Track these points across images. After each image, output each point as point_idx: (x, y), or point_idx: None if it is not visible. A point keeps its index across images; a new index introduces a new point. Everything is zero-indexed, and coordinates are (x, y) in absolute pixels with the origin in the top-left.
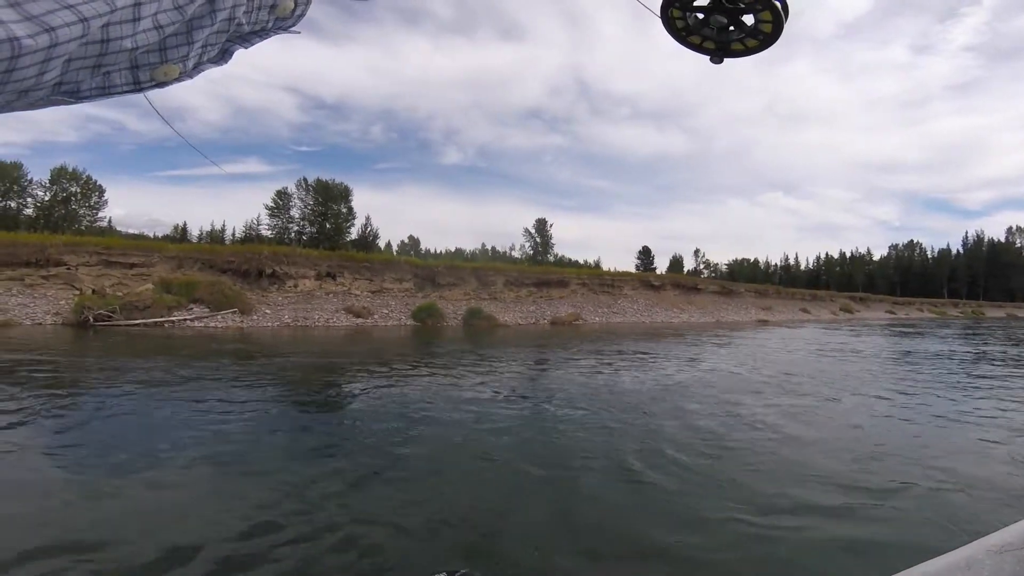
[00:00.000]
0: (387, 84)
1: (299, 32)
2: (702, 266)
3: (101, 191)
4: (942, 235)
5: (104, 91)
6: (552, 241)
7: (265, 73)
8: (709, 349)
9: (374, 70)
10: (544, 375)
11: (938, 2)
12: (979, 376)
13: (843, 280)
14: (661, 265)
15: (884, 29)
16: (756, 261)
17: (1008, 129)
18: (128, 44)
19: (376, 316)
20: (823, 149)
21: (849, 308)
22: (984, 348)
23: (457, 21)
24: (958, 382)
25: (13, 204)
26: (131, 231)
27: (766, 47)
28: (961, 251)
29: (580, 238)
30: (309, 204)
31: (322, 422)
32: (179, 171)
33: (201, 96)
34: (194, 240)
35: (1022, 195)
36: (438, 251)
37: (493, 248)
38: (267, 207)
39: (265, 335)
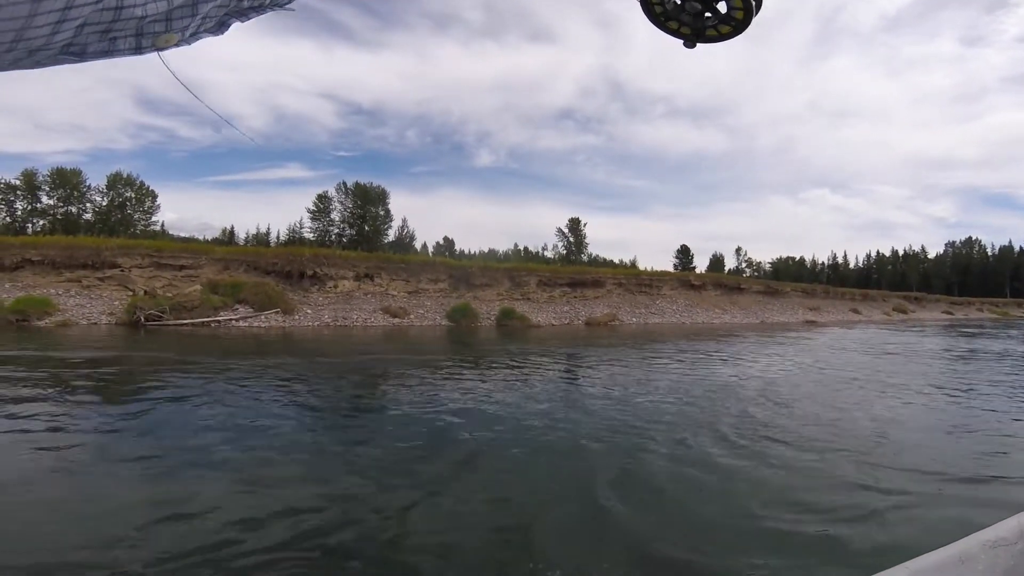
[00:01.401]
0: (420, 89)
1: (294, 10)
2: (744, 265)
3: (154, 196)
4: (1003, 232)
5: (108, 53)
6: (586, 241)
7: (306, 81)
8: (774, 349)
9: (407, 76)
10: (592, 374)
11: None
12: None
13: (896, 279)
14: (701, 265)
15: (929, 21)
16: (802, 260)
17: None
18: (139, 12)
19: (412, 316)
20: (871, 145)
21: (903, 308)
22: None
23: (487, 25)
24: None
25: (74, 209)
26: (182, 234)
27: (738, 33)
28: (1023, 248)
29: (615, 238)
30: (348, 207)
31: (366, 422)
32: (228, 175)
33: (248, 105)
34: (241, 243)
35: None
36: (472, 252)
37: (526, 248)
38: (309, 211)
39: (307, 334)
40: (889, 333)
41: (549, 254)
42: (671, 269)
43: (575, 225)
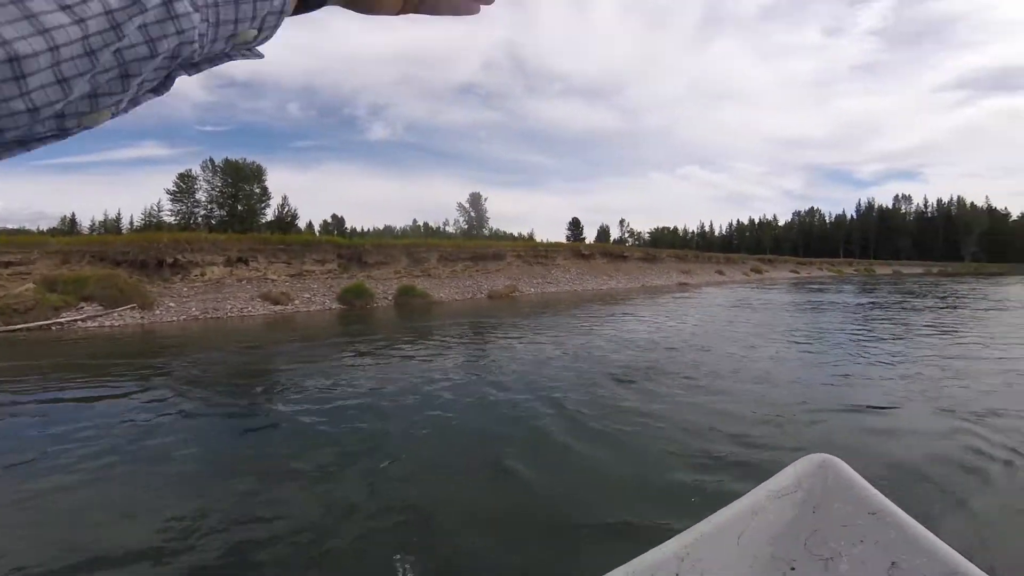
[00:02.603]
0: (308, 60)
1: (262, 56)
2: (627, 235)
3: None
4: (839, 203)
5: (24, 145)
6: (487, 215)
7: None
8: (661, 308)
9: (294, 47)
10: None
11: None
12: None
13: (752, 244)
14: (590, 236)
15: (801, 11)
16: (676, 229)
17: (901, 109)
18: (20, 106)
19: (297, 302)
20: (739, 126)
21: (759, 269)
22: (881, 299)
23: None
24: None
25: None
26: (10, 226)
27: None
28: (855, 216)
29: (515, 212)
30: (217, 186)
31: (248, 425)
32: (68, 158)
33: None
34: (85, 233)
35: (908, 168)
36: (366, 230)
37: (426, 224)
38: (169, 192)
39: (171, 330)
40: (750, 291)
41: (451, 229)
42: (564, 240)
43: (476, 200)
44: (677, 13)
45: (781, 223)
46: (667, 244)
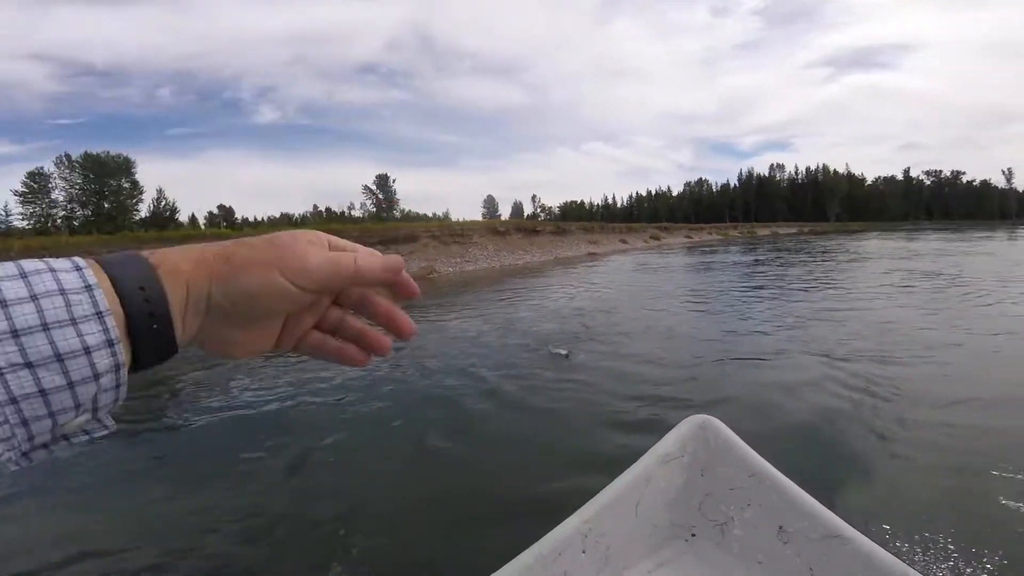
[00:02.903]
0: (180, 43)
1: (112, 427)
2: (539, 210)
3: None
4: (724, 173)
5: None
6: (397, 197)
7: (6, 42)
8: (576, 277)
9: (166, 29)
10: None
11: None
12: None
13: (651, 214)
14: (504, 212)
15: None
16: (583, 203)
17: (776, 84)
18: None
19: None
20: (638, 103)
21: (657, 236)
22: (762, 257)
23: None
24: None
25: None
26: None
27: None
28: (737, 185)
29: (428, 192)
30: (77, 183)
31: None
32: None
33: None
34: None
35: (782, 139)
36: (260, 219)
37: (328, 209)
38: (17, 193)
39: None
40: (651, 256)
41: (358, 213)
42: (479, 218)
43: (384, 181)
44: None
45: (675, 193)
46: (576, 217)
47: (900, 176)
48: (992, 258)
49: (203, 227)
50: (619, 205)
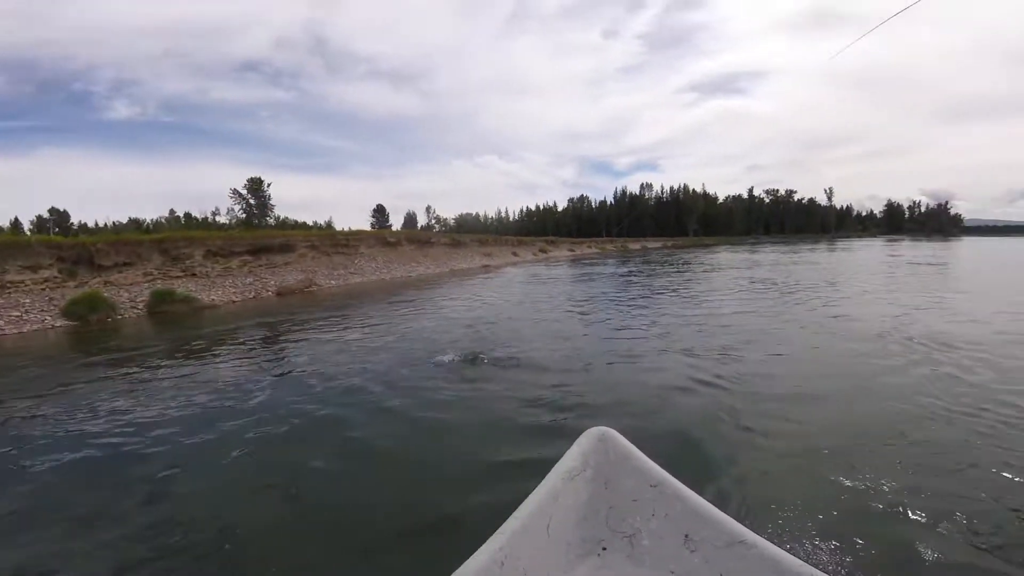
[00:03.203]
0: (24, 29)
1: None
2: (433, 221)
3: None
4: (602, 191)
5: None
6: (272, 203)
7: None
8: (471, 289)
9: (6, 13)
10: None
11: None
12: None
13: (539, 228)
14: (396, 223)
15: (590, 14)
16: (478, 215)
17: (650, 107)
18: None
19: (1, 322)
20: (532, 119)
21: (545, 249)
22: (635, 269)
23: None
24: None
25: None
26: None
27: None
28: (613, 202)
29: (310, 199)
30: None
31: None
32: None
33: None
34: None
35: (652, 159)
36: (104, 225)
37: (188, 215)
38: None
39: None
40: (540, 268)
41: (223, 219)
42: (368, 228)
43: (256, 185)
44: (491, 4)
45: (560, 209)
46: (470, 229)
47: (745, 195)
48: (816, 267)
49: (29, 233)
50: (511, 218)
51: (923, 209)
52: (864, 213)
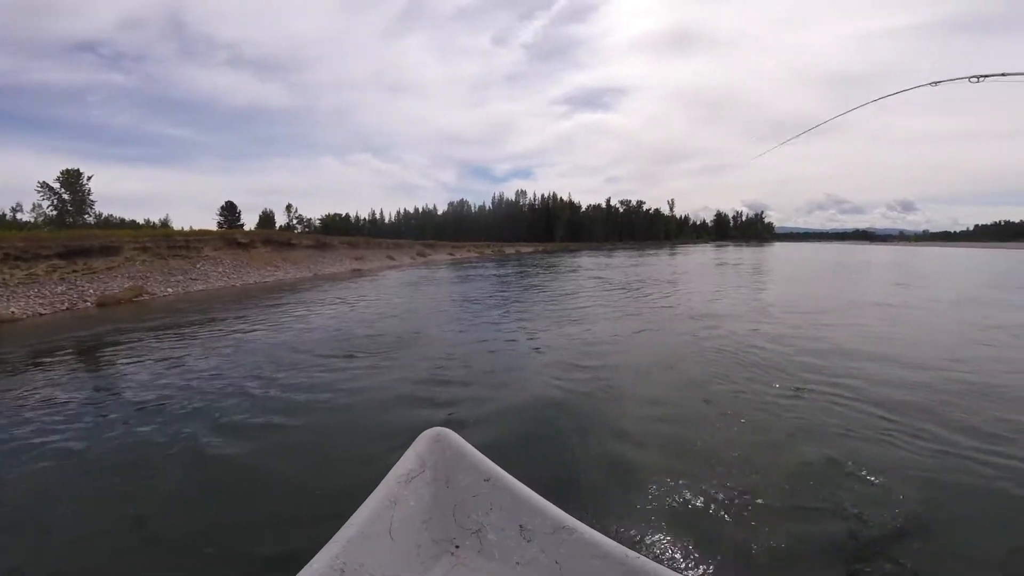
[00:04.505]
0: None
1: None
2: (296, 221)
3: None
4: (481, 195)
5: None
6: (92, 198)
7: None
8: (343, 293)
9: None
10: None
11: (527, 1)
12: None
13: (418, 231)
14: (250, 222)
15: (484, 18)
16: (348, 216)
17: (528, 116)
18: None
19: None
20: (412, 119)
21: (424, 252)
22: (511, 271)
23: None
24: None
25: None
26: None
27: None
28: (491, 207)
29: (144, 195)
30: None
31: None
32: None
33: None
34: None
35: (527, 167)
36: None
37: None
38: None
39: None
40: (420, 271)
41: (27, 217)
42: (215, 228)
43: (73, 178)
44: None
45: (440, 212)
46: (340, 231)
47: (604, 204)
48: (656, 267)
49: None
50: (387, 220)
51: (744, 219)
52: (699, 222)
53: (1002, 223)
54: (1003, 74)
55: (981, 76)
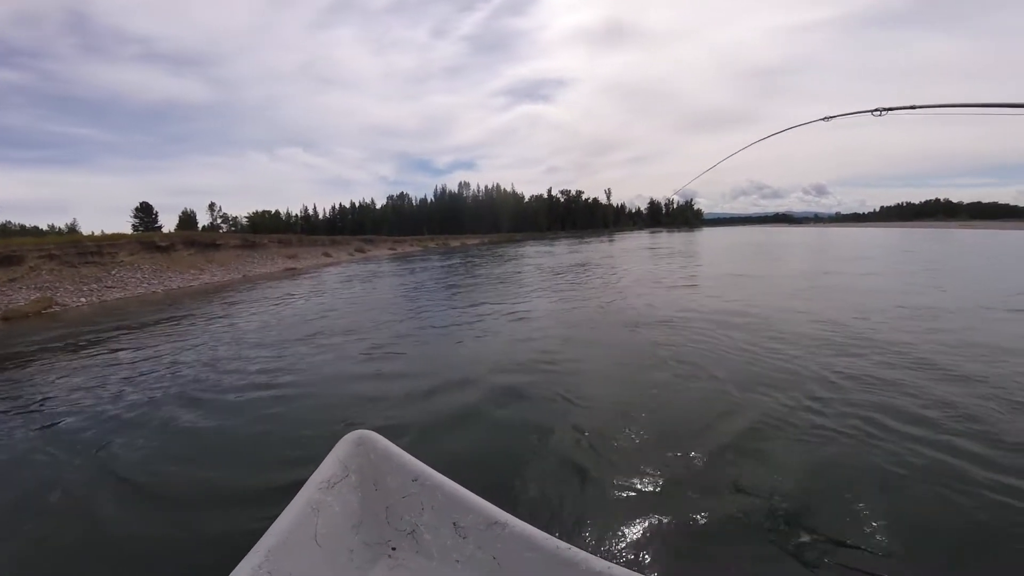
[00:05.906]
0: None
1: None
2: (220, 221)
3: None
4: (423, 188)
5: None
6: None
7: None
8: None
9: None
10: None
11: None
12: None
13: (355, 226)
14: (169, 224)
15: (421, 10)
16: (278, 213)
17: (469, 108)
18: None
19: None
20: (344, 112)
21: (363, 248)
22: (456, 263)
23: None
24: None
25: None
26: None
27: None
28: (434, 200)
29: (46, 199)
30: None
31: None
32: None
33: None
34: None
35: (470, 159)
36: None
37: None
38: None
39: None
40: (359, 268)
41: None
42: (129, 231)
43: None
44: None
45: (379, 206)
46: (269, 229)
47: (546, 195)
48: (597, 252)
49: None
50: (321, 216)
51: (675, 206)
52: (633, 210)
53: (904, 204)
54: (912, 107)
55: (884, 109)
